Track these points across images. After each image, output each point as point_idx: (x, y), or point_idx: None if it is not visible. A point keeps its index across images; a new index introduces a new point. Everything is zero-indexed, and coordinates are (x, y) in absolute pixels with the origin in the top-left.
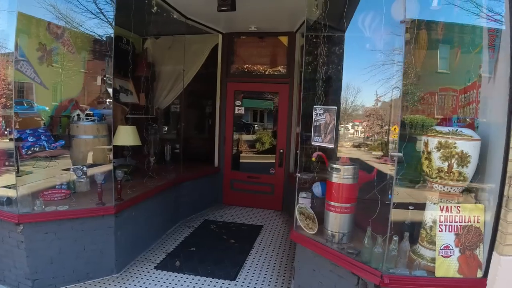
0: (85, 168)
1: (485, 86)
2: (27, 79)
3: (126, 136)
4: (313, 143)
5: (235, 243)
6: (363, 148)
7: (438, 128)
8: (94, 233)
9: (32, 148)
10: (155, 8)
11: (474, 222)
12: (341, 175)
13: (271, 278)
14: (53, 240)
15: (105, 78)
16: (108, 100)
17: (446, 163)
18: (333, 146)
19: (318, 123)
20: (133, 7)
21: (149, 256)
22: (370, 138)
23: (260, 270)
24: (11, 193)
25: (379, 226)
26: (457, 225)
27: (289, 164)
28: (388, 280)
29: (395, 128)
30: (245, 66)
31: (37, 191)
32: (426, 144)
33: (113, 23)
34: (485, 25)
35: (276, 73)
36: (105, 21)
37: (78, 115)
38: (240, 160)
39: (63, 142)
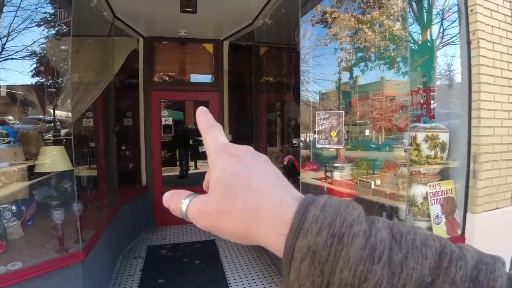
0: (14, 208)
1: (442, 90)
2: None
3: (53, 159)
4: (318, 145)
5: (202, 263)
6: None
7: (422, 125)
8: None
9: None
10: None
11: (449, 193)
12: (342, 173)
13: None
14: None
15: None
16: None
17: (433, 151)
18: (342, 147)
19: (323, 127)
20: None
21: None
22: None
23: (249, 284)
24: None
25: None
26: (440, 198)
27: None
28: None
29: None
30: (170, 74)
31: None
32: (414, 138)
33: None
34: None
35: (204, 81)
36: None
37: None
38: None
39: None
